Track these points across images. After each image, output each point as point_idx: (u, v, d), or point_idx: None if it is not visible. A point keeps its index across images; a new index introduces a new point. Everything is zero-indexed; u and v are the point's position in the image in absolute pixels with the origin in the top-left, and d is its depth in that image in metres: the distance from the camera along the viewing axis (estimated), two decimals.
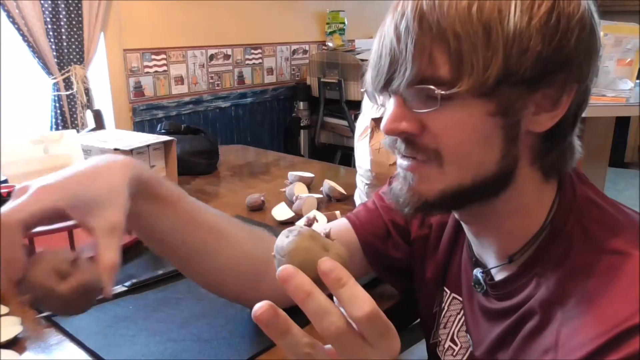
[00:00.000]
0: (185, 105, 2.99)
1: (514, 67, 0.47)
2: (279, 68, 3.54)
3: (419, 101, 0.50)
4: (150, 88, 2.82)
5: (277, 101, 3.56)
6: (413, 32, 0.48)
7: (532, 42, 0.47)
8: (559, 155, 0.54)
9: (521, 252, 0.56)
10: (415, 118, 0.51)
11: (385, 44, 0.51)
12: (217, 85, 3.17)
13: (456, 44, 0.47)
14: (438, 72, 0.48)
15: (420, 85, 0.49)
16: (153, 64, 2.81)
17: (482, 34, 0.46)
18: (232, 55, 3.22)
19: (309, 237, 0.41)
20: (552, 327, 0.50)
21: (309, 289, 0.37)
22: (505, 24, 0.46)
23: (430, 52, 0.48)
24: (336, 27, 3.69)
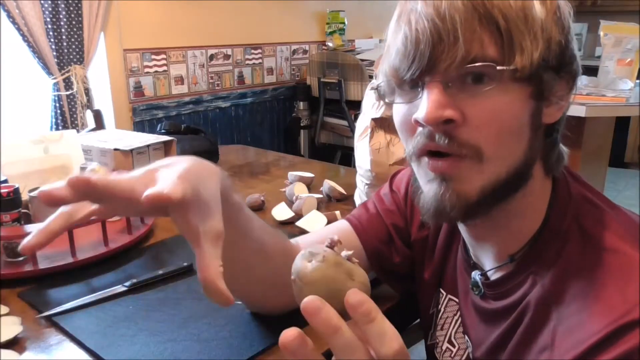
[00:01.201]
0: (185, 105, 2.99)
1: (546, 53, 0.49)
2: (279, 68, 3.54)
3: (463, 86, 0.49)
4: (150, 88, 2.82)
5: (277, 101, 3.56)
6: (460, 10, 0.47)
7: (553, 32, 0.49)
8: (558, 153, 0.56)
9: (521, 252, 0.56)
10: (456, 106, 0.49)
11: (422, 27, 0.49)
12: (217, 85, 3.17)
13: (505, 24, 0.47)
14: (487, 52, 0.48)
15: (474, 64, 0.48)
16: (153, 64, 2.81)
17: (523, 18, 0.48)
18: (232, 55, 3.22)
19: (334, 265, 0.39)
20: (548, 326, 0.50)
21: (337, 323, 0.36)
22: (535, 12, 0.49)
23: (479, 31, 0.47)
24: (336, 27, 3.69)
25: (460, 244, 0.67)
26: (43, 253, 0.93)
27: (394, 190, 0.79)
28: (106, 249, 0.97)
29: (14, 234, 0.92)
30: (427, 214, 0.54)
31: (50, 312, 0.77)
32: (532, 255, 0.55)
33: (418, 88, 0.51)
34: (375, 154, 1.03)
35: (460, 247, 0.67)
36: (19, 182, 1.00)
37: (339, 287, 0.38)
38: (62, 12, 2.38)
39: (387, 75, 0.54)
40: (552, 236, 0.54)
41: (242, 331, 0.73)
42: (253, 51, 3.33)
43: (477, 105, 0.49)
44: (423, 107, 0.49)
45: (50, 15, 2.34)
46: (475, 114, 0.49)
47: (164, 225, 1.14)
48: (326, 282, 0.38)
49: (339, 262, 0.40)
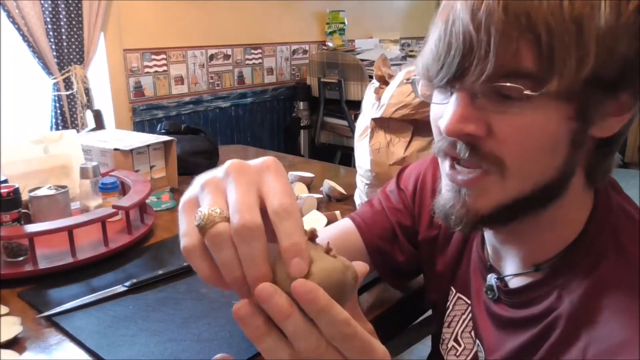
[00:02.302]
0: (185, 105, 2.99)
1: (601, 68, 0.43)
2: (279, 68, 3.54)
3: (492, 100, 0.45)
4: (150, 88, 2.82)
5: (277, 101, 3.56)
6: (498, 20, 0.42)
7: (619, 42, 0.43)
8: (607, 164, 0.52)
9: (549, 263, 0.53)
10: (482, 119, 0.46)
11: (455, 31, 0.45)
12: (217, 85, 3.17)
13: (548, 39, 0.42)
14: (523, 68, 0.43)
15: (502, 83, 0.43)
16: (153, 64, 2.81)
17: (574, 30, 0.42)
18: (232, 55, 3.22)
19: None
20: (577, 345, 0.47)
21: (287, 309, 0.34)
22: (596, 21, 0.42)
23: (516, 45, 0.42)
24: (336, 27, 3.69)
25: (476, 243, 0.65)
26: (43, 253, 0.93)
27: (402, 188, 0.78)
28: (106, 249, 0.97)
29: (14, 234, 0.92)
30: (438, 215, 0.54)
31: (50, 312, 0.77)
32: (561, 267, 0.52)
33: (449, 92, 0.49)
34: (375, 154, 1.03)
35: (476, 246, 0.65)
36: (19, 182, 1.00)
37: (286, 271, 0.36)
38: (62, 12, 2.38)
39: (420, 74, 0.51)
40: (587, 250, 0.51)
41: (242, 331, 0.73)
42: (253, 51, 3.33)
43: (505, 121, 0.45)
44: (446, 117, 0.47)
45: (50, 15, 2.34)
46: (502, 129, 0.46)
47: (164, 225, 1.14)
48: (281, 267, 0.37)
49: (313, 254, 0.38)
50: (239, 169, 0.36)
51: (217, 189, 0.37)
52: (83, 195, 1.12)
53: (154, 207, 1.21)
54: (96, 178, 1.11)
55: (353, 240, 0.75)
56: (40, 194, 1.04)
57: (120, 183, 1.16)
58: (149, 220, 1.10)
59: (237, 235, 0.34)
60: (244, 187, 0.35)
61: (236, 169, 0.36)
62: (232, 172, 0.36)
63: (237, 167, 0.37)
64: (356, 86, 3.17)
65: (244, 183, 0.36)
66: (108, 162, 1.27)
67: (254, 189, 0.36)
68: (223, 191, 0.36)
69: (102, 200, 1.10)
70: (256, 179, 0.36)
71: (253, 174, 0.36)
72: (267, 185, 0.36)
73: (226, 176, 0.36)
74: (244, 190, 0.35)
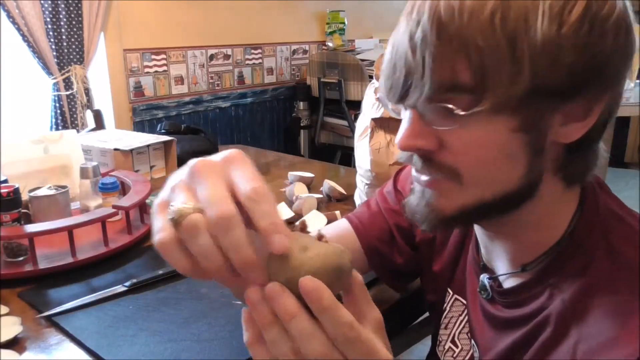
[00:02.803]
0: (185, 105, 2.99)
1: (541, 80, 0.43)
2: (279, 68, 3.54)
3: (438, 117, 0.47)
4: (150, 88, 2.82)
5: (277, 101, 3.56)
6: (431, 44, 0.44)
7: (562, 53, 0.42)
8: (583, 164, 0.52)
9: (536, 262, 0.54)
10: (432, 134, 0.48)
11: (399, 54, 0.47)
12: (217, 85, 3.17)
13: (478, 58, 0.43)
14: (459, 87, 0.44)
15: (439, 104, 0.45)
16: (153, 64, 2.81)
17: (506, 47, 0.42)
18: (232, 55, 3.22)
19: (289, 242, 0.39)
20: (566, 342, 0.48)
21: (293, 310, 0.36)
22: (531, 34, 0.42)
23: (450, 65, 0.44)
24: (336, 27, 3.69)
25: (472, 244, 0.66)
26: (43, 253, 0.93)
27: (399, 189, 0.78)
28: (106, 249, 0.97)
29: (14, 234, 0.92)
30: (406, 215, 0.56)
31: (50, 312, 0.77)
32: (552, 267, 0.53)
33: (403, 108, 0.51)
34: (375, 154, 1.03)
35: (471, 247, 0.66)
36: (19, 182, 1.00)
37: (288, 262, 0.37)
38: (62, 12, 2.38)
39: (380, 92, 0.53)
40: (575, 250, 0.51)
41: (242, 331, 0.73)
42: (253, 51, 3.33)
43: (453, 135, 0.47)
44: (399, 133, 0.49)
45: (50, 15, 2.34)
46: (452, 142, 0.47)
47: None
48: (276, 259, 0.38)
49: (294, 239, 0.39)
50: (204, 166, 0.38)
51: (186, 187, 0.38)
52: (83, 195, 1.12)
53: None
54: (96, 178, 1.11)
55: (349, 241, 0.75)
56: (40, 194, 1.04)
57: (120, 183, 1.16)
58: (149, 220, 1.10)
59: (215, 227, 0.35)
60: (212, 180, 0.37)
61: (201, 166, 0.38)
62: (198, 170, 0.37)
63: (201, 165, 0.38)
64: (356, 86, 3.17)
65: (212, 177, 0.37)
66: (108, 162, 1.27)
67: (222, 182, 0.37)
68: (193, 189, 0.37)
69: (102, 200, 1.10)
70: (223, 172, 0.37)
71: (218, 168, 0.38)
72: (234, 175, 0.37)
73: (192, 175, 0.38)
74: (213, 183, 0.36)
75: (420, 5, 0.46)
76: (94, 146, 1.30)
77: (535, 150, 0.47)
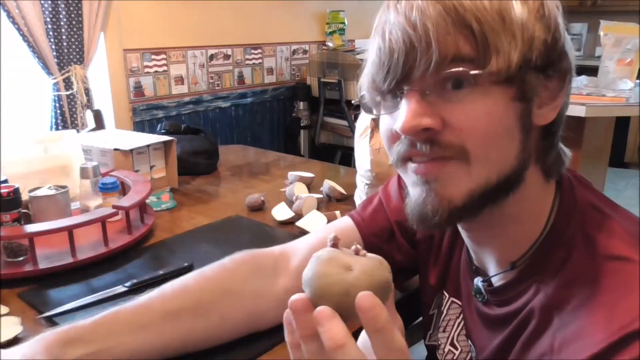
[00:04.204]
0: (185, 105, 2.99)
1: (528, 53, 0.47)
2: (279, 68, 3.54)
3: (441, 93, 0.48)
4: (150, 88, 2.82)
5: (277, 101, 3.56)
6: (431, 15, 0.46)
7: (536, 31, 0.48)
8: (556, 154, 0.55)
9: (523, 258, 0.55)
10: (436, 113, 0.48)
11: (394, 37, 0.48)
12: (217, 85, 3.17)
13: (479, 27, 0.46)
14: (464, 54, 0.46)
15: (449, 70, 0.46)
16: (153, 64, 2.81)
17: (499, 20, 0.47)
18: (232, 55, 3.22)
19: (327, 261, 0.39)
20: (548, 332, 0.49)
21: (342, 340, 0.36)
22: (513, 13, 0.47)
23: (453, 36, 0.46)
24: (336, 27, 3.69)
25: (463, 249, 0.66)
26: (43, 253, 0.93)
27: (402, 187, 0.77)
28: (106, 249, 0.97)
29: (14, 234, 0.92)
30: (411, 219, 0.54)
31: (50, 312, 0.77)
32: (536, 262, 0.54)
33: (398, 98, 0.51)
34: (375, 154, 1.03)
35: (463, 251, 0.66)
36: (19, 182, 1.00)
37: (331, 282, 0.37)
38: (62, 12, 2.38)
39: (368, 88, 0.54)
40: (557, 243, 0.53)
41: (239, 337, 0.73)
42: (253, 51, 3.33)
43: (456, 110, 0.48)
44: (401, 117, 0.49)
45: (50, 15, 2.34)
46: (455, 119, 0.48)
47: (164, 225, 1.14)
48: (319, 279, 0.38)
49: (333, 258, 0.39)
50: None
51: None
52: (83, 195, 1.12)
53: (154, 207, 1.21)
54: (96, 178, 1.11)
55: (351, 237, 0.75)
56: (40, 194, 1.04)
57: (120, 183, 1.16)
58: (149, 220, 1.10)
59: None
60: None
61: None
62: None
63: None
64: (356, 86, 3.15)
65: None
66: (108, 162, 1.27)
67: None
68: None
69: (102, 200, 1.10)
70: None
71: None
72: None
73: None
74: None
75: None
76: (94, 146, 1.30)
77: (526, 127, 0.50)
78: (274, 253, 0.76)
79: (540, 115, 0.51)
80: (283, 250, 0.76)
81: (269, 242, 0.80)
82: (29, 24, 2.27)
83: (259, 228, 1.12)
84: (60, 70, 2.43)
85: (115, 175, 1.17)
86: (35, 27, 2.28)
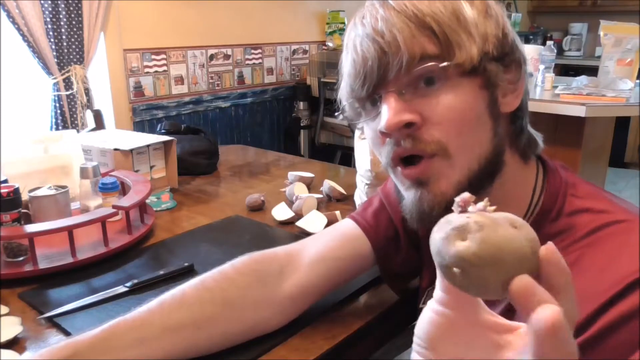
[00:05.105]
0: (185, 105, 2.99)
1: (485, 46, 0.53)
2: (279, 68, 3.54)
3: (416, 90, 0.53)
4: (150, 88, 2.82)
5: (277, 101, 3.56)
6: (395, 22, 0.52)
7: (488, 27, 0.54)
8: (528, 138, 0.59)
9: None
10: (414, 109, 0.53)
11: (366, 47, 0.54)
12: (217, 85, 3.17)
13: (439, 28, 0.52)
14: (429, 52, 0.52)
15: (420, 66, 0.52)
16: (153, 64, 2.81)
17: (455, 19, 0.52)
18: (232, 55, 3.22)
19: (495, 225, 0.32)
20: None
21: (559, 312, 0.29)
22: (466, 13, 0.53)
23: (418, 38, 0.52)
24: (336, 27, 3.69)
25: None
26: (43, 253, 0.93)
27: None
28: (106, 249, 0.97)
29: (14, 234, 0.92)
30: (411, 220, 0.57)
31: (51, 313, 0.77)
32: None
33: (377, 103, 0.55)
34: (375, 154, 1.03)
35: None
36: (19, 182, 1.00)
37: (520, 245, 0.31)
38: (62, 12, 2.38)
39: (347, 99, 0.59)
40: (545, 217, 0.57)
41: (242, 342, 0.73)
42: (253, 51, 3.33)
43: (432, 105, 0.53)
44: (383, 117, 0.53)
45: (50, 15, 2.34)
46: (432, 112, 0.53)
47: (164, 225, 1.14)
48: (507, 247, 0.31)
49: (495, 219, 0.33)
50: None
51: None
52: (83, 195, 1.12)
53: (154, 207, 1.21)
54: (96, 178, 1.11)
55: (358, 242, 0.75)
56: (40, 194, 1.04)
57: (120, 183, 1.16)
58: (149, 220, 1.10)
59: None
60: None
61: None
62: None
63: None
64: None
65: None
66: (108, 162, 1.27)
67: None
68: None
69: (102, 200, 1.10)
70: None
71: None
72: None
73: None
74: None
75: (370, 10, 0.55)
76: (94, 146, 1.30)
77: (494, 114, 0.55)
78: (278, 255, 0.74)
79: (505, 104, 0.56)
80: (289, 254, 0.74)
81: (269, 242, 0.80)
82: (29, 24, 2.27)
83: (259, 228, 1.12)
84: (60, 70, 2.43)
85: (115, 175, 1.17)
86: (35, 27, 2.28)
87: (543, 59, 2.56)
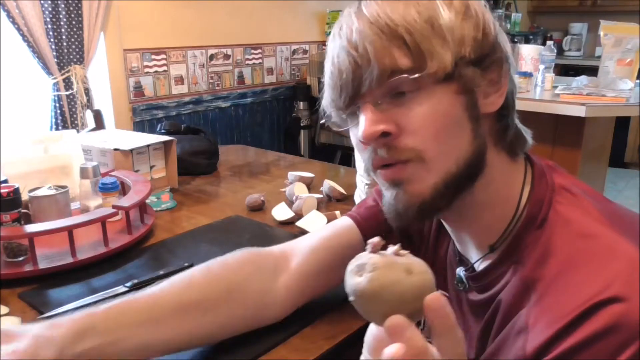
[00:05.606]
0: (185, 105, 2.99)
1: (461, 51, 0.53)
2: (279, 68, 3.54)
3: (391, 101, 0.53)
4: (150, 88, 2.82)
5: (277, 101, 3.56)
6: (368, 35, 0.52)
7: (465, 30, 0.53)
8: (515, 134, 0.58)
9: (501, 241, 0.57)
10: (390, 119, 0.53)
11: (341, 61, 0.54)
12: (217, 85, 3.17)
13: (411, 38, 0.51)
14: (401, 64, 0.52)
15: (391, 79, 0.52)
16: (153, 64, 2.81)
17: (428, 27, 0.52)
18: (232, 55, 3.21)
19: (389, 268, 0.38)
20: (523, 310, 0.52)
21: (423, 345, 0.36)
22: (441, 19, 0.53)
23: (389, 50, 0.52)
24: None
25: (450, 239, 0.68)
26: (43, 253, 0.93)
27: None
28: (106, 249, 0.97)
29: (14, 234, 0.92)
30: (390, 219, 0.58)
31: (51, 313, 0.77)
32: (513, 245, 0.56)
33: (357, 112, 0.56)
34: None
35: (450, 242, 0.68)
36: (19, 182, 1.00)
37: (403, 289, 0.37)
38: (62, 12, 2.38)
39: (329, 109, 0.60)
40: (532, 225, 0.55)
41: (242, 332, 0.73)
42: (253, 51, 3.33)
43: (407, 114, 0.53)
44: (360, 127, 0.54)
45: (50, 15, 2.34)
46: (408, 122, 0.53)
47: (164, 225, 1.14)
48: (389, 288, 0.37)
49: (391, 263, 0.38)
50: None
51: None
52: (83, 195, 1.12)
53: (154, 207, 1.21)
54: (96, 178, 1.11)
55: (351, 236, 0.77)
56: (40, 194, 1.04)
57: (120, 183, 1.16)
58: (149, 220, 1.10)
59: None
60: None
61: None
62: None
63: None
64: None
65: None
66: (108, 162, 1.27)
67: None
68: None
69: (102, 200, 1.10)
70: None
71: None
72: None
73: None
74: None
75: (347, 20, 0.55)
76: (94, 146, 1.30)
77: (474, 116, 0.54)
78: (273, 253, 0.77)
79: (487, 104, 0.55)
80: (283, 250, 0.78)
81: (269, 242, 0.80)
82: (29, 24, 2.27)
83: (259, 228, 1.12)
84: (60, 70, 2.43)
85: (115, 175, 1.17)
86: (35, 27, 2.28)
87: (543, 59, 2.56)
